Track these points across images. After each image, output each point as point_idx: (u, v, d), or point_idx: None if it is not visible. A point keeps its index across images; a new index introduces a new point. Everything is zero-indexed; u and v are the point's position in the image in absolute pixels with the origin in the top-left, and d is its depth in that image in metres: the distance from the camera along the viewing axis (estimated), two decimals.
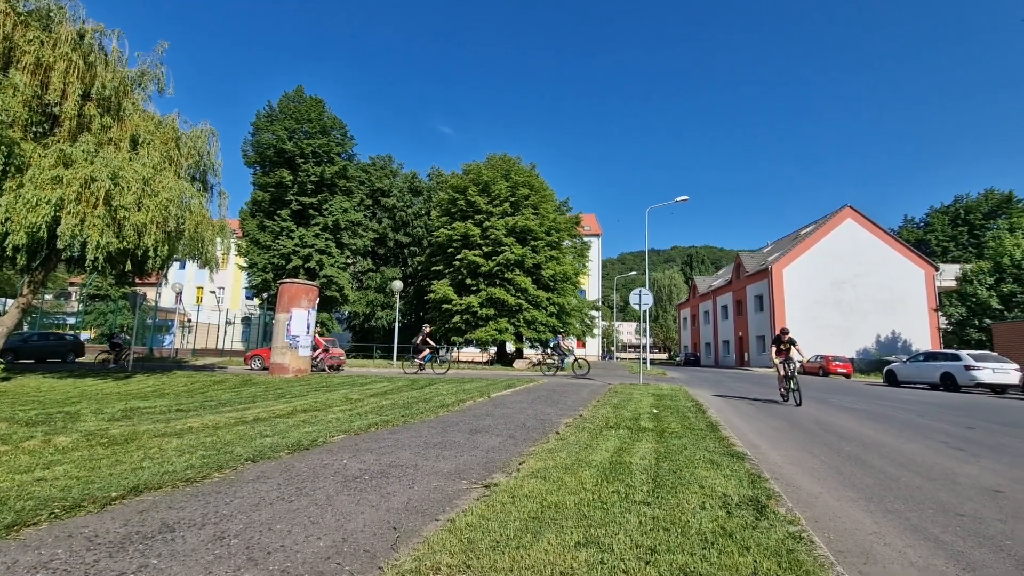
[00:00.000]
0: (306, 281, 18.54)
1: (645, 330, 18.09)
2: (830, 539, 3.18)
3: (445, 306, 26.57)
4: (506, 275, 26.22)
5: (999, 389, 16.98)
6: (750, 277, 42.07)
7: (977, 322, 28.94)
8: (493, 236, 26.25)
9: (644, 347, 27.72)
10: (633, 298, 15.97)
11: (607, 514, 3.12)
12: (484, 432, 6.11)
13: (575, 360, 18.84)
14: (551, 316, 27.22)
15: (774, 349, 11.33)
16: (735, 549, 2.62)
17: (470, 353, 35.55)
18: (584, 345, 47.54)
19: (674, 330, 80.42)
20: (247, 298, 47.49)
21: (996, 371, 16.57)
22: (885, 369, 21.74)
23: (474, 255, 26.18)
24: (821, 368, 28.53)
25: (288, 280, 16.91)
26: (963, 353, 17.70)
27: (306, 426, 6.21)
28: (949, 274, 38.54)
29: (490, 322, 25.83)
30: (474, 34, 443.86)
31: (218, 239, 14.52)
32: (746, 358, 42.32)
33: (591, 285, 48.30)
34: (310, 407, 8.02)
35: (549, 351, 19.71)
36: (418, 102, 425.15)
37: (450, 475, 4.11)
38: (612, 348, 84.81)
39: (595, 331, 40.01)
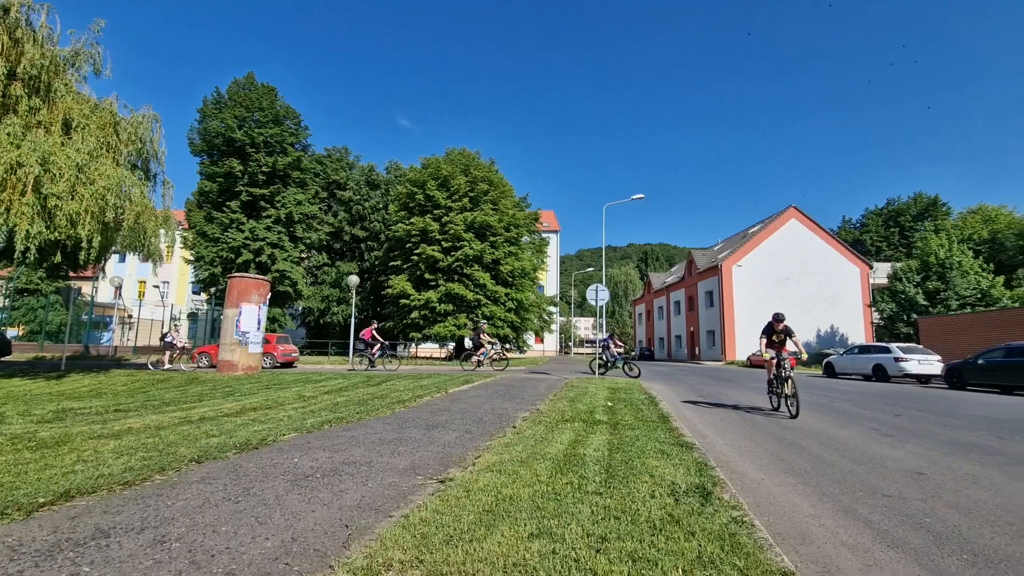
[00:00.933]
0: (257, 275, 17.85)
1: (602, 325, 18.33)
2: (770, 522, 3.35)
3: (403, 301, 26.25)
4: (465, 271, 26.14)
5: (924, 379, 18.23)
6: (701, 274, 43.53)
7: (906, 317, 31.01)
8: (452, 231, 26.10)
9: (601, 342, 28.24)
10: (590, 294, 16.25)
11: (560, 505, 3.18)
12: (440, 427, 6.09)
13: (626, 362, 17.39)
14: (510, 311, 27.34)
15: (764, 341, 8.74)
16: (681, 535, 2.72)
17: (428, 349, 35.26)
18: (543, 340, 48.01)
19: (629, 325, 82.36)
20: (194, 293, 45.23)
21: (922, 362, 17.79)
22: (824, 361, 22.93)
23: (432, 250, 25.96)
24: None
25: (238, 274, 16.26)
26: (893, 346, 18.90)
27: (256, 425, 6.01)
28: (882, 272, 41.14)
29: (448, 318, 25.72)
30: (436, 26, 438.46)
31: (162, 231, 13.77)
32: (697, 352, 43.80)
33: (549, 281, 48.82)
34: (260, 405, 7.77)
35: (599, 351, 17.82)
36: (376, 94, 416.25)
37: (405, 471, 4.08)
38: (570, 343, 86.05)
39: (553, 326, 40.47)
